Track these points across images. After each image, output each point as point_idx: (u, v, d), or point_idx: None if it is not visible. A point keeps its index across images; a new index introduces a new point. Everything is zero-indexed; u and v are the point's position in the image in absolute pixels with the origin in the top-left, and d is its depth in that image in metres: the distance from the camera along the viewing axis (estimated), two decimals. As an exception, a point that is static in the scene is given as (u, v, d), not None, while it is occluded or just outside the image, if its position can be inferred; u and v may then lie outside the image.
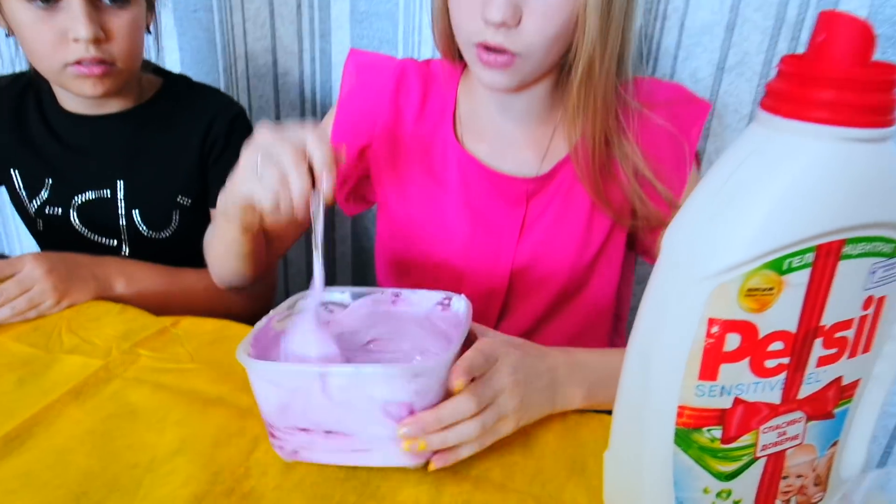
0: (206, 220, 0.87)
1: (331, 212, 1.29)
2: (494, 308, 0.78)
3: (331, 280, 1.31)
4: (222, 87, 1.22)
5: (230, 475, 0.51)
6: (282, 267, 1.36)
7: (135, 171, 0.86)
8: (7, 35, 0.78)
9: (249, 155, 0.57)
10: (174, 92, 0.90)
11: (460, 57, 0.71)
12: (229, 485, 0.50)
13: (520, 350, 0.56)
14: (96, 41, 0.73)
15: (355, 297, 0.61)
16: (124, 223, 0.87)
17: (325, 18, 1.09)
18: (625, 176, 0.70)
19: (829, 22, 0.32)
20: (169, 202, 0.87)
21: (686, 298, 0.37)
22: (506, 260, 0.75)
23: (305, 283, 1.35)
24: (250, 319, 0.75)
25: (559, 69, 0.69)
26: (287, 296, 0.60)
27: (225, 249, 0.72)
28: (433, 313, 0.61)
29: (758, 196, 0.34)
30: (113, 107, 0.86)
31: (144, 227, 0.87)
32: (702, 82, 0.95)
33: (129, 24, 0.76)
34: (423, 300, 0.61)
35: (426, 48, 1.05)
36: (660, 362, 0.39)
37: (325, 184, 0.55)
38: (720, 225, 0.35)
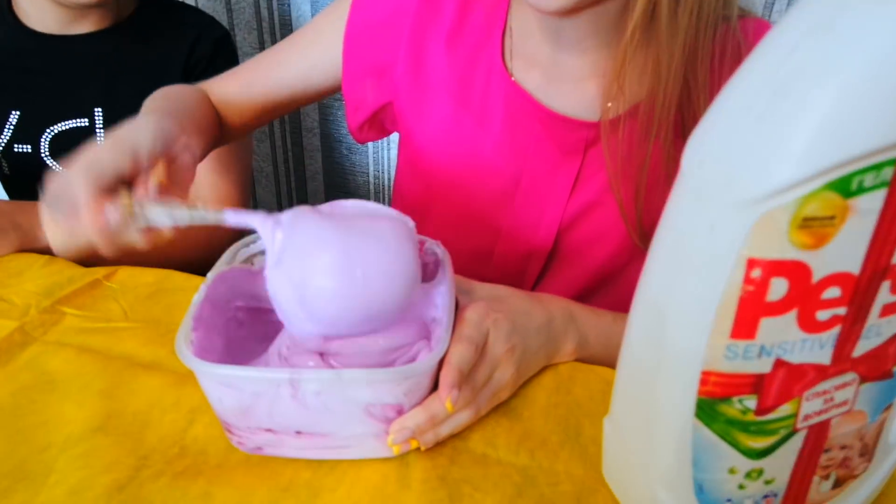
0: None
1: (299, 147, 1.19)
2: (533, 271, 0.65)
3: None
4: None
5: (161, 457, 0.43)
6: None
7: (114, 97, 0.77)
8: None
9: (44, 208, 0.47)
10: (152, 8, 0.81)
11: None
12: (159, 467, 0.42)
13: (509, 313, 0.47)
14: None
15: None
16: None
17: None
18: None
19: None
20: None
21: (717, 234, 0.28)
22: (552, 217, 0.62)
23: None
24: (201, 267, 0.66)
25: None
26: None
27: None
28: None
29: (822, 90, 0.25)
30: (88, 25, 0.76)
31: None
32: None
33: None
34: None
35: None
36: (679, 317, 0.30)
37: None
38: (767, 132, 0.26)
